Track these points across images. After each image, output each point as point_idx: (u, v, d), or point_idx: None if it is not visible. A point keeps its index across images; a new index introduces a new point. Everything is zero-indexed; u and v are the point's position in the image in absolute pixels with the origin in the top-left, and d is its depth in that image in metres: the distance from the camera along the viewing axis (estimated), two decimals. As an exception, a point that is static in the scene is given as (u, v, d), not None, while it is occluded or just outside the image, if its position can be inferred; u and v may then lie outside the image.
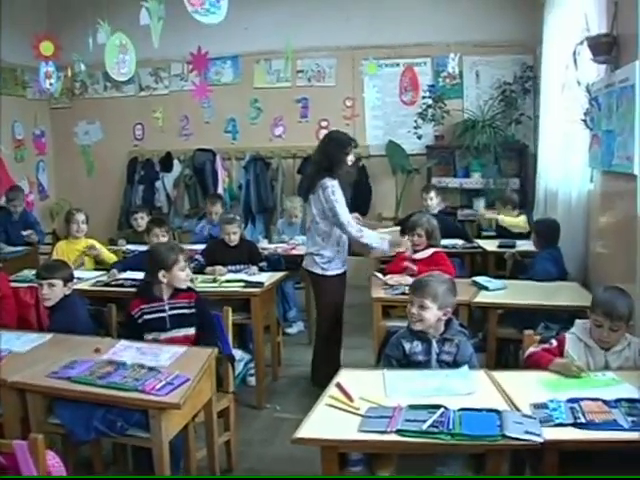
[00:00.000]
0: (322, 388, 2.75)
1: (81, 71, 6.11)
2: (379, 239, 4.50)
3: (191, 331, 3.56)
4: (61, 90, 6.67)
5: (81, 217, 5.45)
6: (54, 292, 3.63)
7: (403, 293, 4.10)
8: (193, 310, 3.61)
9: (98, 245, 5.44)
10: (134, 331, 3.52)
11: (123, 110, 8.43)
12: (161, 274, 3.56)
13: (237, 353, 4.14)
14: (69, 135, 8.74)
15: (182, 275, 3.64)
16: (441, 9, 7.40)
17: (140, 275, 4.68)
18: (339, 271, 4.54)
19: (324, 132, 7.88)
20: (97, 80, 8.38)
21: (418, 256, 4.62)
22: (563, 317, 3.76)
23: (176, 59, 7.93)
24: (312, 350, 4.78)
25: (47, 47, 5.24)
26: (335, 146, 4.50)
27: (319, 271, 4.50)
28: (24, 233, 6.47)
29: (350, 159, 4.55)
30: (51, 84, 5.70)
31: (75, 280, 3.96)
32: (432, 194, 6.21)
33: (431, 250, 4.65)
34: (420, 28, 7.43)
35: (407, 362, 3.03)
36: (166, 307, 3.58)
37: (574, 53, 4.50)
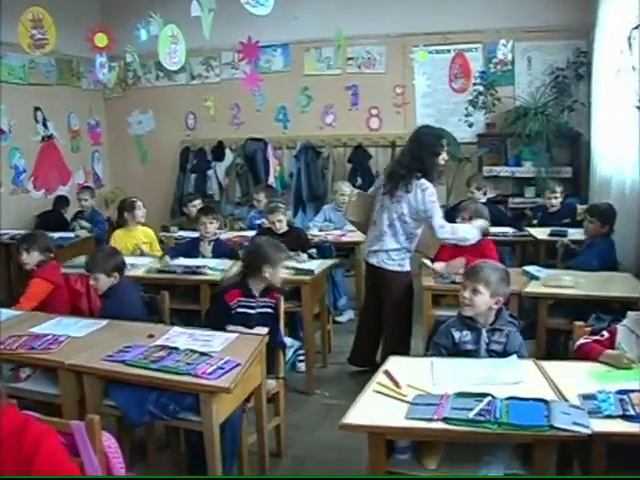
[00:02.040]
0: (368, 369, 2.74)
1: (134, 60, 6.22)
2: (471, 229, 4.31)
3: (266, 330, 3.49)
4: (115, 80, 6.82)
5: (141, 204, 5.65)
6: (98, 284, 3.75)
7: (453, 282, 4.10)
8: (274, 310, 3.66)
9: (145, 243, 5.56)
10: (223, 321, 3.49)
11: (175, 99, 8.53)
12: (265, 269, 3.58)
13: (287, 340, 4.17)
14: (123, 125, 8.89)
15: (281, 274, 3.73)
16: (491, -6, 7.28)
17: (191, 262, 4.80)
18: (410, 267, 4.48)
19: (375, 120, 7.98)
20: (149, 70, 8.45)
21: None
22: (615, 308, 3.70)
23: (226, 48, 7.95)
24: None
25: (101, 39, 5.36)
26: (423, 149, 4.29)
27: (397, 268, 4.38)
28: (79, 228, 6.72)
29: (443, 158, 4.35)
30: (104, 75, 5.83)
31: (128, 267, 4.07)
32: (472, 188, 6.15)
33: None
34: (470, 14, 7.28)
35: (456, 351, 3.04)
36: (256, 304, 3.61)
37: (629, 37, 4.41)
